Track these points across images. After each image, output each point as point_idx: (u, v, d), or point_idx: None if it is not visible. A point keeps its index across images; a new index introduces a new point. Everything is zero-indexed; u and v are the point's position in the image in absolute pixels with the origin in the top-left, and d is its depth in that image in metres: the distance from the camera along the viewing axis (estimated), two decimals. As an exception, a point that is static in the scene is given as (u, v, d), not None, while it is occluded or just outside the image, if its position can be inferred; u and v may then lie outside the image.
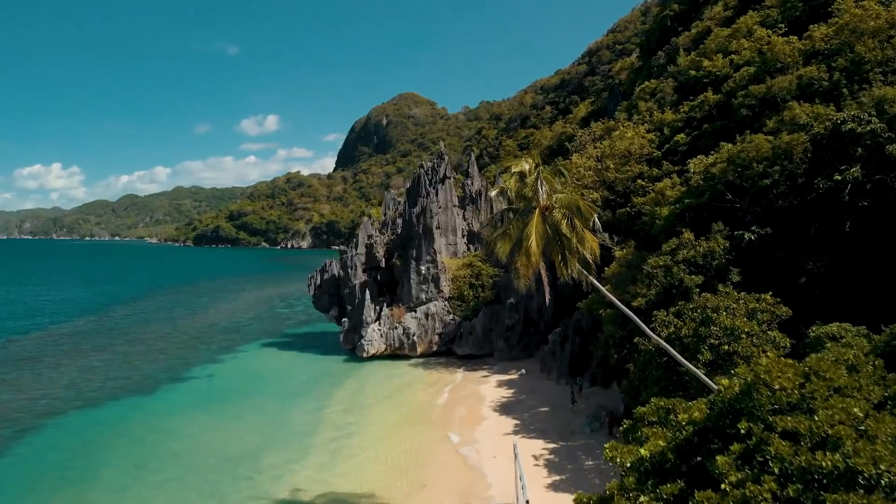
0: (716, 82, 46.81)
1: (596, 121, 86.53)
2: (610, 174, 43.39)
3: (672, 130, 45.63)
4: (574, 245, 19.92)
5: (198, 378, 45.60)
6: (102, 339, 61.20)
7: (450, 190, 56.73)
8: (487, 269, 53.42)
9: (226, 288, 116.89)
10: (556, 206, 20.44)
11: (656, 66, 66.39)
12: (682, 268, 28.35)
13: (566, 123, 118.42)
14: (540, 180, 20.32)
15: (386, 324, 50.86)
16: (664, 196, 36.85)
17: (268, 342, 59.52)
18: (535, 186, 20.35)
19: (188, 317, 77.73)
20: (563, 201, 20.38)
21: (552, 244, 20.25)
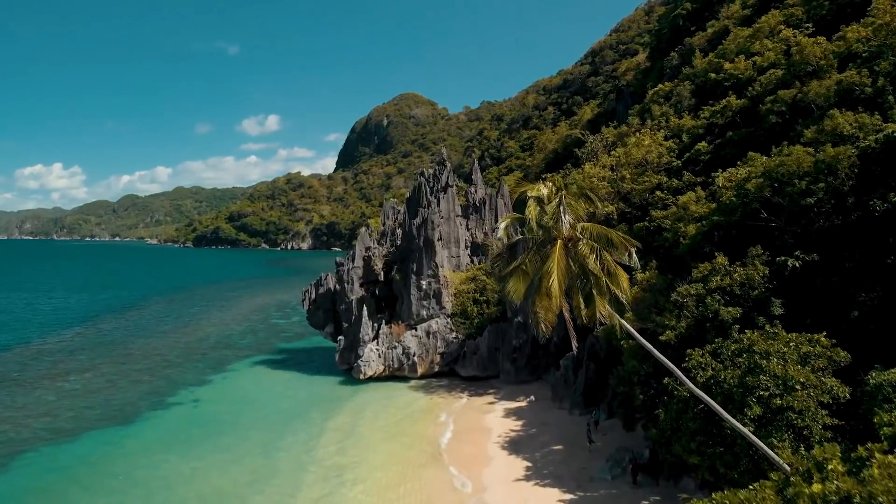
0: (738, 86, 43.63)
1: (604, 124, 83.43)
2: (626, 185, 40.19)
3: (692, 138, 42.43)
4: (604, 283, 16.75)
5: (182, 404, 42.43)
6: (86, 357, 58.05)
7: (452, 199, 53.55)
8: (492, 283, 50.19)
9: (221, 295, 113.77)
10: (582, 238, 17.28)
11: (669, 68, 63.17)
12: (717, 298, 25.17)
13: (571, 126, 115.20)
14: (563, 207, 17.13)
15: (384, 343, 47.69)
16: (688, 211, 33.63)
17: (260, 360, 56.34)
18: (556, 214, 17.17)
19: (179, 329, 74.57)
20: (591, 231, 17.18)
21: (575, 282, 17.11)
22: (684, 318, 25.91)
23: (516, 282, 16.98)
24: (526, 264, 17.10)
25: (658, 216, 37.24)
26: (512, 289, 16.95)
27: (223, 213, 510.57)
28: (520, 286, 16.92)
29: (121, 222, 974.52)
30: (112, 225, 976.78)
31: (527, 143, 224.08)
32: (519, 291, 16.94)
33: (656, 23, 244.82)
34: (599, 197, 40.60)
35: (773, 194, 27.56)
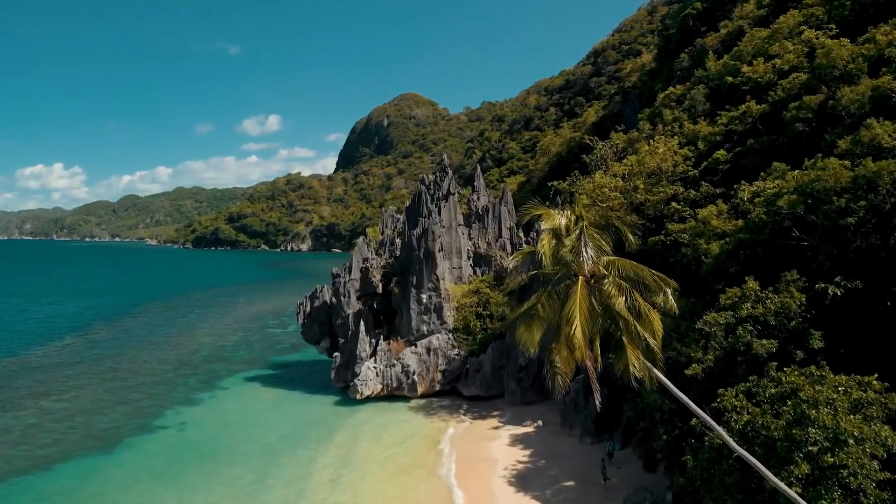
0: (757, 90, 41.21)
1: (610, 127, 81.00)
2: (639, 196, 37.79)
3: (709, 145, 40.03)
4: (633, 328, 14.33)
5: (168, 427, 40.02)
6: (73, 372, 55.66)
7: (454, 207, 51.12)
8: (496, 296, 47.84)
9: (217, 301, 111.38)
10: (608, 274, 14.85)
11: (680, 70, 60.75)
12: (749, 328, 22.73)
13: (575, 128, 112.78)
14: (584, 239, 14.68)
15: (382, 360, 45.28)
16: (709, 226, 31.23)
17: (252, 375, 53.94)
18: (577, 247, 14.73)
19: (172, 339, 72.18)
20: (619, 267, 14.74)
21: (598, 326, 14.69)
22: (712, 350, 23.49)
23: (528, 329, 14.48)
24: (540, 307, 14.60)
25: (674, 230, 34.87)
26: (523, 338, 14.47)
27: (223, 213, 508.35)
28: (533, 334, 14.45)
29: (121, 223, 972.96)
30: (112, 225, 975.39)
31: (528, 145, 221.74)
32: (532, 340, 14.46)
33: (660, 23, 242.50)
34: (610, 208, 38.32)
35: (806, 212, 25.16)
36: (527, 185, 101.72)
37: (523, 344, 14.53)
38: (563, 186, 50.80)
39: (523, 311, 14.92)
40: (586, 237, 14.62)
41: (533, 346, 14.51)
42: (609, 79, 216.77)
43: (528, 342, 14.44)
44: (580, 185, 40.78)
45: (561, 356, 13.87)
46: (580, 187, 40.11)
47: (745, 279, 26.82)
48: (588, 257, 14.61)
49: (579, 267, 14.74)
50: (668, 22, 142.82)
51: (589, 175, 49.13)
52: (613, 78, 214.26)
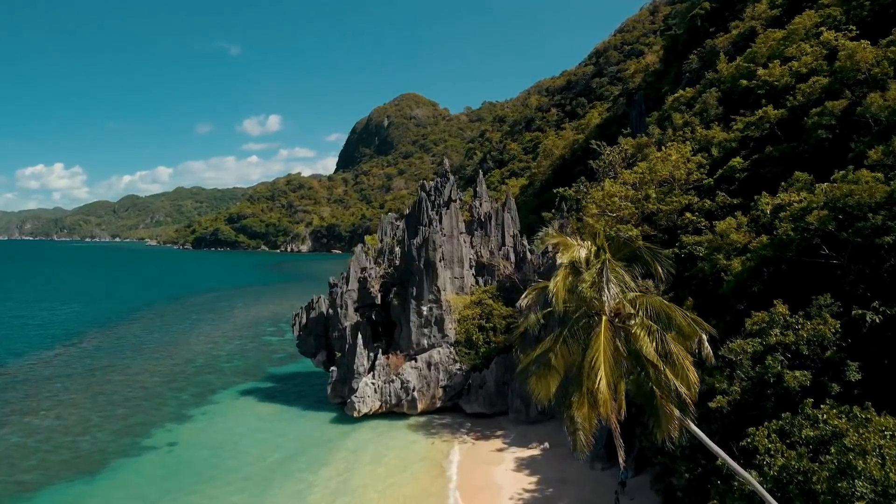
0: (774, 94, 39.28)
1: (615, 130, 79.07)
2: (651, 205, 35.90)
3: (724, 152, 38.11)
4: (663, 378, 12.47)
5: (156, 448, 38.16)
6: (62, 385, 53.80)
7: (455, 215, 49.25)
8: (500, 307, 46.03)
9: (214, 306, 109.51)
10: (634, 314, 12.99)
11: (689, 72, 58.83)
12: (779, 357, 20.86)
13: (578, 130, 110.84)
14: (606, 275, 12.81)
15: (381, 375, 43.41)
16: (727, 240, 29.35)
17: (246, 388, 52.08)
18: (598, 283, 12.86)
19: (166, 348, 70.33)
20: (647, 306, 12.87)
21: (620, 370, 12.84)
22: (738, 380, 21.62)
23: (542, 378, 12.61)
24: (555, 354, 12.71)
25: (689, 242, 32.99)
26: (536, 389, 12.59)
27: (223, 214, 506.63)
28: (547, 385, 12.59)
29: (121, 223, 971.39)
30: (112, 225, 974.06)
31: (530, 146, 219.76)
32: (546, 391, 12.62)
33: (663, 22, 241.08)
34: (621, 218, 36.46)
35: (838, 228, 23.28)
36: (529, 188, 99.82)
37: (536, 396, 12.67)
38: (569, 193, 48.80)
39: (536, 356, 13.07)
40: (609, 272, 12.71)
41: (548, 398, 12.69)
42: (611, 79, 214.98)
43: (542, 394, 12.60)
44: (589, 194, 38.82)
45: (582, 412, 12.01)
46: (589, 196, 38.22)
47: (769, 299, 24.97)
48: (611, 295, 12.72)
49: (601, 305, 12.87)
50: (673, 22, 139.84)
51: (596, 181, 47.25)
52: (616, 78, 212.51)
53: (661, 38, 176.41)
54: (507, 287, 48.70)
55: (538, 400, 12.79)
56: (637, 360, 12.57)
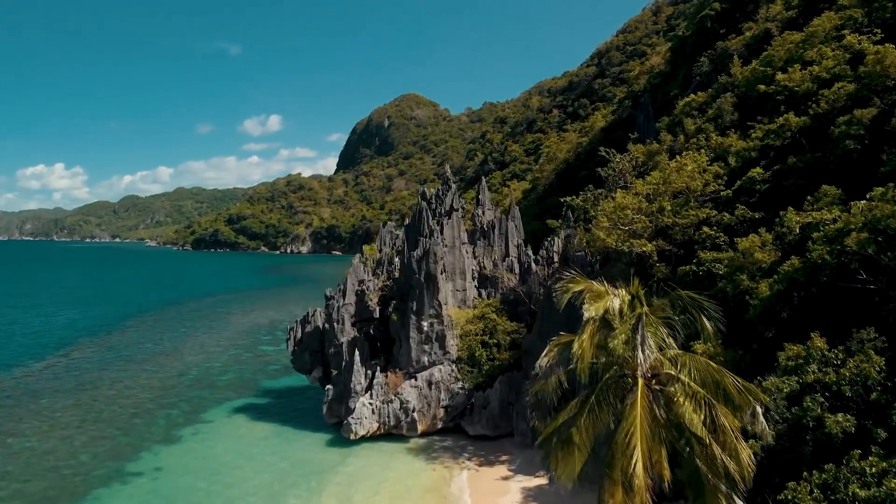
0: (794, 100, 37.20)
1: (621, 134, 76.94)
2: (665, 218, 33.83)
3: (742, 161, 36.03)
4: (713, 455, 10.43)
5: (141, 475, 36.08)
6: (48, 401, 51.74)
7: (457, 224, 47.21)
8: (504, 322, 44.01)
9: (211, 311, 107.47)
10: (675, 374, 10.95)
11: (699, 75, 56.74)
12: (818, 399, 18.80)
13: (582, 133, 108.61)
14: (643, 332, 10.75)
15: (379, 395, 41.35)
16: (751, 259, 27.28)
17: (240, 405, 50.01)
18: (634, 341, 10.81)
19: (159, 358, 68.29)
20: (691, 368, 10.82)
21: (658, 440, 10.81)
22: (772, 423, 19.55)
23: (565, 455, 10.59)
24: (578, 429, 10.64)
25: (707, 259, 30.93)
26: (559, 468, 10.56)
27: (222, 215, 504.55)
28: (572, 464, 10.60)
29: (121, 223, 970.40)
30: (112, 226, 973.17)
31: (531, 147, 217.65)
32: (570, 472, 10.60)
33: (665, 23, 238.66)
34: (634, 232, 34.39)
35: (878, 252, 21.23)
36: (532, 192, 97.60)
37: (559, 477, 10.62)
38: (576, 203, 46.64)
39: (559, 426, 11.00)
40: (645, 329, 10.64)
41: (572, 479, 10.64)
42: (614, 80, 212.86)
43: (565, 475, 10.53)
44: (598, 205, 36.68)
45: (616, 500, 9.96)
46: (599, 208, 36.10)
47: (800, 327, 22.97)
48: (647, 354, 10.67)
49: (635, 366, 10.81)
50: (676, 23, 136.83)
51: (605, 189, 45.16)
52: (618, 80, 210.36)
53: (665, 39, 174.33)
54: (511, 300, 46.68)
55: (561, 482, 10.78)
56: (679, 431, 10.57)
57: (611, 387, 10.92)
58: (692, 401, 10.50)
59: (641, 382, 10.59)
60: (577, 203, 45.99)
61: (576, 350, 11.18)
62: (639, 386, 10.52)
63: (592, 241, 35.72)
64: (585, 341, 11.25)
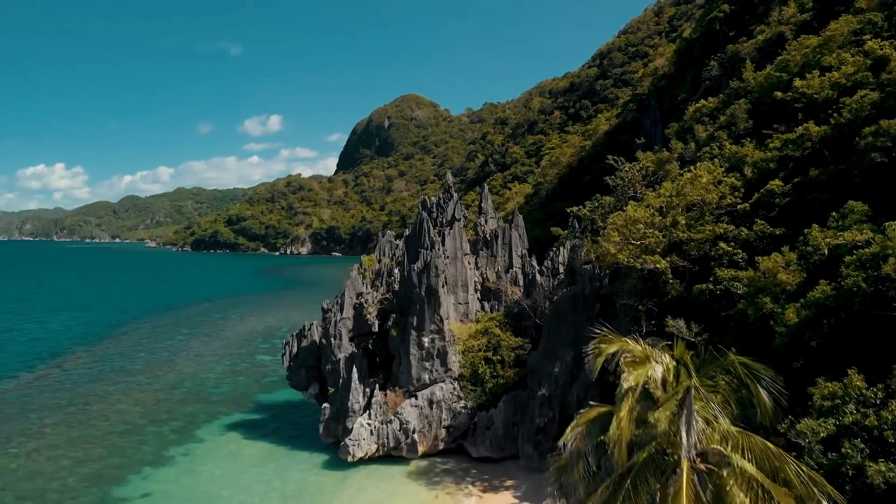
0: (813, 108, 35.53)
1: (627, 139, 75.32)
2: (680, 233, 32.13)
3: (759, 172, 34.33)
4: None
5: (128, 500, 34.40)
6: (37, 416, 50.02)
7: (459, 235, 45.51)
8: (508, 337, 42.26)
9: (208, 318, 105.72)
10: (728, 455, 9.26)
11: (708, 79, 55.05)
12: (858, 445, 17.12)
13: (585, 136, 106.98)
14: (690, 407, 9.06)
15: (378, 415, 39.65)
16: (773, 280, 25.59)
17: (234, 422, 48.30)
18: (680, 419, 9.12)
19: (152, 369, 66.57)
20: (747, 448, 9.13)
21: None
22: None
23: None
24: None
25: (725, 277, 29.23)
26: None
27: (222, 216, 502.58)
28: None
29: (121, 223, 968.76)
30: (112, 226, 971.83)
31: (532, 149, 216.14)
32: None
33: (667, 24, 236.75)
34: (647, 247, 32.68)
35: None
36: (535, 197, 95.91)
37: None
38: (584, 213, 44.89)
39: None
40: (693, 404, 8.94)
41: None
42: (616, 81, 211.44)
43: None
44: (609, 220, 34.89)
45: None
46: (609, 222, 34.33)
47: (831, 358, 21.32)
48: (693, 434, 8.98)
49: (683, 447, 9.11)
50: (679, 24, 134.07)
51: (614, 198, 43.41)
52: (620, 81, 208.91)
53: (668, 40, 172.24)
54: (516, 313, 44.97)
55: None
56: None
57: (650, 468, 9.26)
58: (746, 489, 8.82)
59: (687, 465, 8.93)
60: (585, 213, 44.23)
61: (613, 432, 9.47)
62: (683, 470, 8.86)
63: (602, 255, 34.03)
64: (624, 419, 9.54)
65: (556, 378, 37.15)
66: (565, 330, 37.61)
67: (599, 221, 42.42)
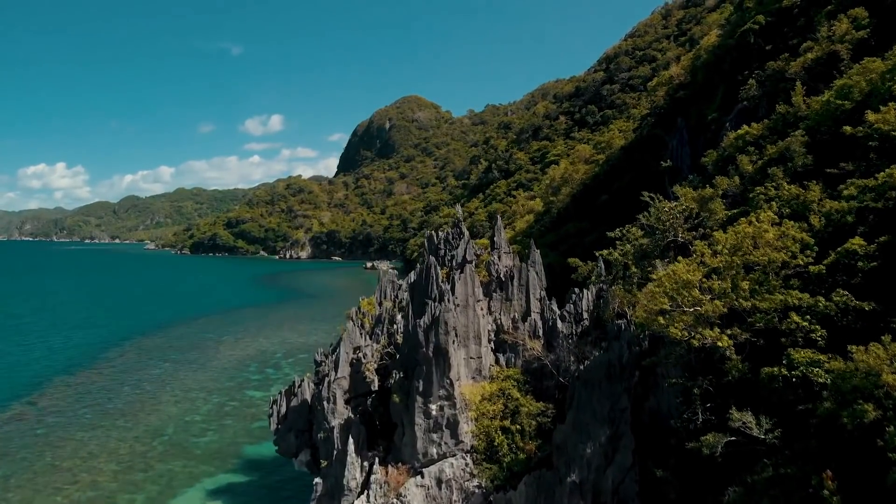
0: (889, 146, 30.14)
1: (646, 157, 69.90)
2: (741, 300, 26.71)
3: (832, 225, 28.92)
4: None
5: None
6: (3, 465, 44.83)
7: (471, 280, 40.05)
8: (528, 402, 36.82)
9: (199, 339, 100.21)
10: None
11: (746, 100, 49.63)
12: None
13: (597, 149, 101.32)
14: None
15: (378, 496, 34.28)
16: (876, 380, 20.22)
17: (216, 487, 42.99)
18: None
19: (133, 411, 61.17)
20: None
21: None
22: None
23: None
24: None
25: (801, 360, 23.85)
26: None
27: (221, 218, 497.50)
28: None
29: (121, 224, 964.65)
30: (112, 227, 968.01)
31: (537, 156, 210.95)
32: None
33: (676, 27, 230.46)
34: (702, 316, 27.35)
35: None
36: (545, 216, 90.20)
37: None
38: (615, 258, 39.27)
39: None
40: None
41: None
42: (623, 86, 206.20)
43: None
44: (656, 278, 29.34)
45: None
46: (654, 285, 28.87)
47: None
48: None
49: None
50: (688, 27, 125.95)
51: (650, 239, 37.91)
52: (628, 86, 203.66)
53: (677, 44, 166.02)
54: (536, 369, 39.60)
55: None
56: None
57: None
58: None
59: None
60: (616, 259, 38.70)
61: None
62: None
63: (648, 323, 28.60)
64: None
65: (589, 461, 31.75)
66: (598, 403, 32.21)
67: (633, 267, 37.04)
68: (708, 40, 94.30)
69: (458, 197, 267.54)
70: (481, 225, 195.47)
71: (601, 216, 71.87)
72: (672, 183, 59.25)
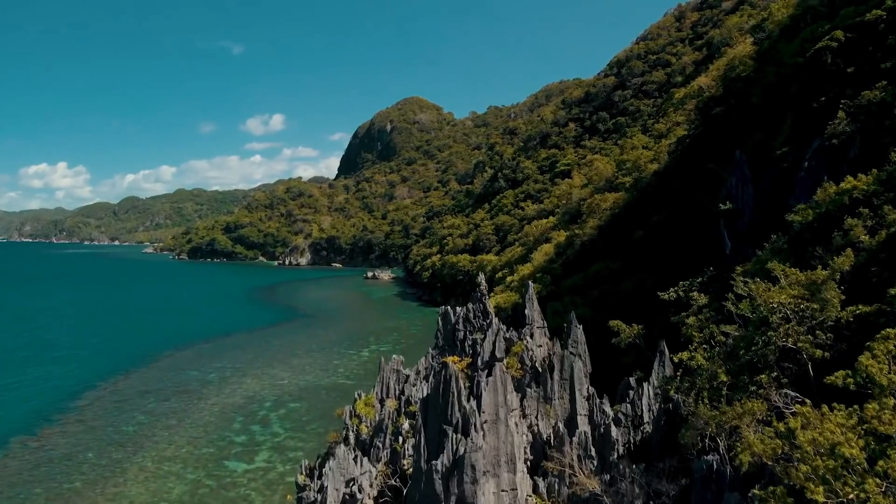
0: None
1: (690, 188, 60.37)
2: None
3: None
4: None
5: None
6: None
7: (503, 383, 30.67)
8: (578, 557, 27.47)
9: (183, 379, 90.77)
10: None
11: (835, 137, 40.14)
12: None
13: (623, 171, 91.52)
14: None
15: None
16: None
17: None
18: None
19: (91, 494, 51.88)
20: None
21: None
22: None
23: None
24: None
25: None
26: None
27: (220, 223, 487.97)
28: None
29: (121, 225, 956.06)
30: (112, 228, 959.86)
31: (546, 164, 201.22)
32: None
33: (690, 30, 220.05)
34: None
35: None
36: (568, 249, 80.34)
37: None
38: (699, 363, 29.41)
39: None
40: None
41: None
42: (636, 92, 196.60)
43: None
44: (798, 441, 20.03)
45: None
46: (804, 452, 19.51)
47: None
48: None
49: None
50: (704, 30, 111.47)
51: (743, 339, 28.38)
52: (641, 91, 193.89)
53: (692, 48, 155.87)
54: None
55: None
56: None
57: None
58: None
59: None
60: (700, 363, 28.95)
61: None
62: None
63: None
64: None
65: None
66: None
67: (723, 376, 27.62)
68: (742, 49, 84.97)
69: (462, 205, 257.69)
70: (488, 238, 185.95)
71: (636, 256, 62.49)
72: (730, 228, 49.72)
